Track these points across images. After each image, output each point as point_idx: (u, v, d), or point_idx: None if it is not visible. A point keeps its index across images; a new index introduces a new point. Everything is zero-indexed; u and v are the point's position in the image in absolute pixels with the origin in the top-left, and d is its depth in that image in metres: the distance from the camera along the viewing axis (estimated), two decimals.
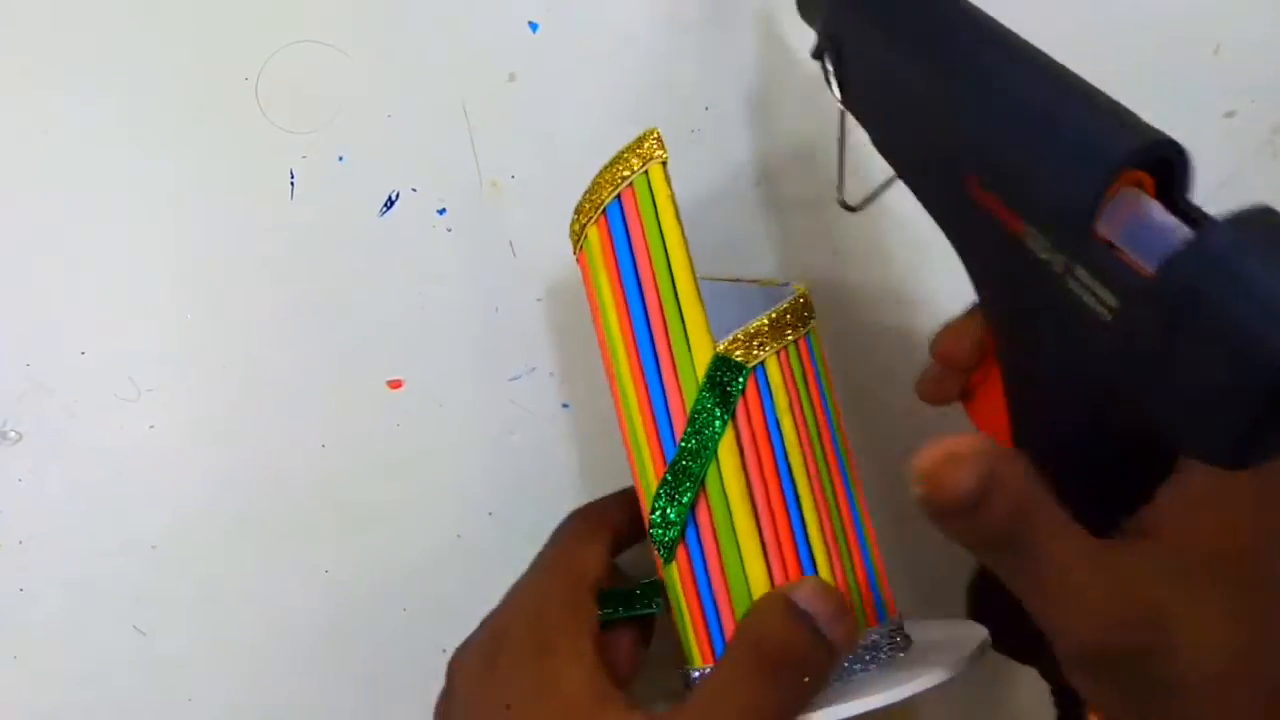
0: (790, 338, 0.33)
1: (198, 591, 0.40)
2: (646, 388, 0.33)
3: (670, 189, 0.33)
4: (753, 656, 0.30)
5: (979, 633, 0.34)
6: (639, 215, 0.33)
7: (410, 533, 0.41)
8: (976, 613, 0.37)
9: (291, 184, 0.41)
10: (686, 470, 0.32)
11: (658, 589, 0.35)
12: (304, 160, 0.40)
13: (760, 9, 0.42)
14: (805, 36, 0.42)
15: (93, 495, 0.40)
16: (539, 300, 0.41)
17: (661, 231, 0.33)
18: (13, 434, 0.40)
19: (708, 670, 0.33)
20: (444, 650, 0.36)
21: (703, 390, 0.32)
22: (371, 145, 0.41)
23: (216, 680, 0.41)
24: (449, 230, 0.41)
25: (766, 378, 0.33)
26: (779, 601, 0.31)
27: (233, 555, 0.40)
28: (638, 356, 0.33)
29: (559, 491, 0.41)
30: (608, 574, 0.35)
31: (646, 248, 0.33)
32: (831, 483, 0.34)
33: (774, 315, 0.33)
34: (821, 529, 0.33)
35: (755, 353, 0.33)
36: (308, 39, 0.40)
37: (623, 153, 0.33)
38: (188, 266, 0.40)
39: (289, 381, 0.41)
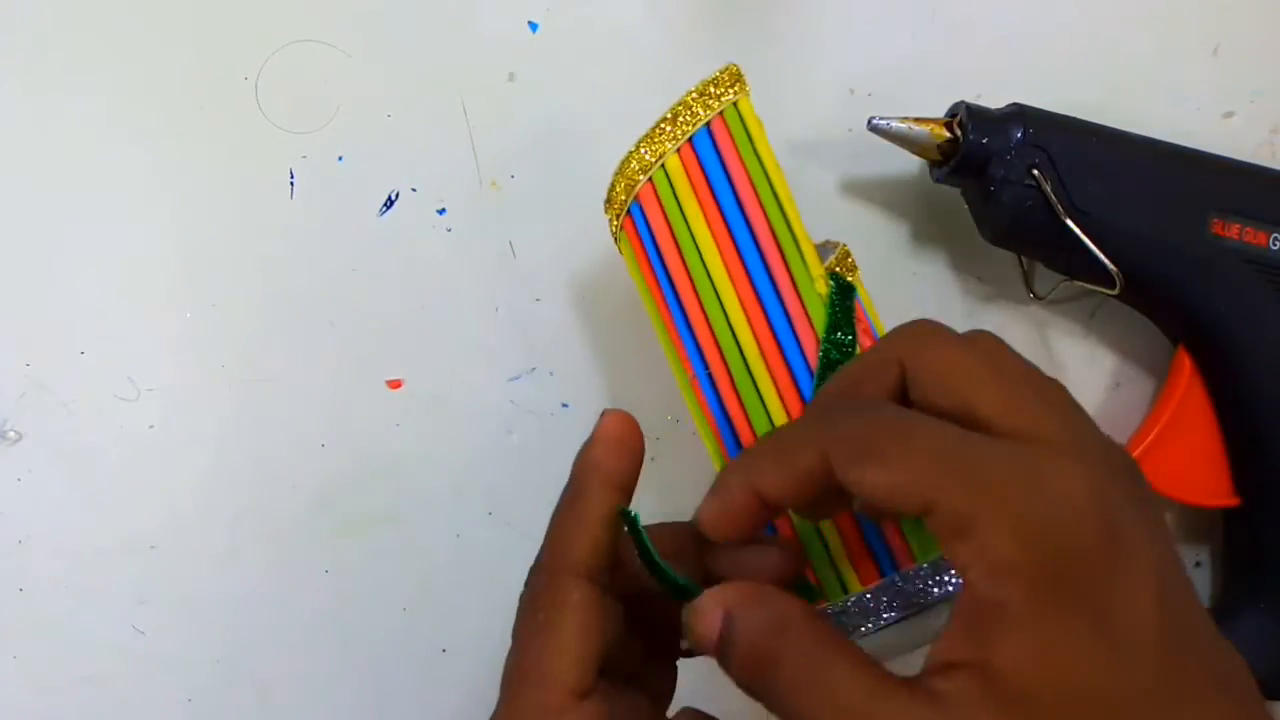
0: (858, 273, 0.35)
1: (198, 591, 0.40)
2: (768, 318, 0.32)
3: (761, 121, 0.33)
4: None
5: None
6: (734, 143, 0.32)
7: (410, 533, 0.41)
8: None
9: (291, 184, 0.40)
10: None
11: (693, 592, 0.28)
12: (304, 160, 0.40)
13: (759, 8, 0.42)
14: (805, 36, 0.42)
15: (93, 495, 0.40)
16: (539, 300, 0.41)
17: (760, 158, 0.32)
18: (13, 434, 0.40)
19: (878, 586, 0.31)
20: (444, 650, 0.36)
21: (832, 307, 0.32)
22: (371, 145, 0.41)
23: (216, 680, 0.41)
24: (449, 230, 0.41)
25: (860, 300, 0.34)
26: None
27: (232, 555, 0.40)
28: (751, 286, 0.32)
29: (558, 491, 0.41)
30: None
31: (747, 174, 0.32)
32: None
33: (839, 256, 0.34)
34: None
35: (851, 278, 0.34)
36: (308, 39, 0.40)
37: (700, 86, 0.33)
38: (187, 266, 0.40)
39: (289, 381, 0.41)
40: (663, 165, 0.33)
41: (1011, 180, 0.37)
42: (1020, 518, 0.21)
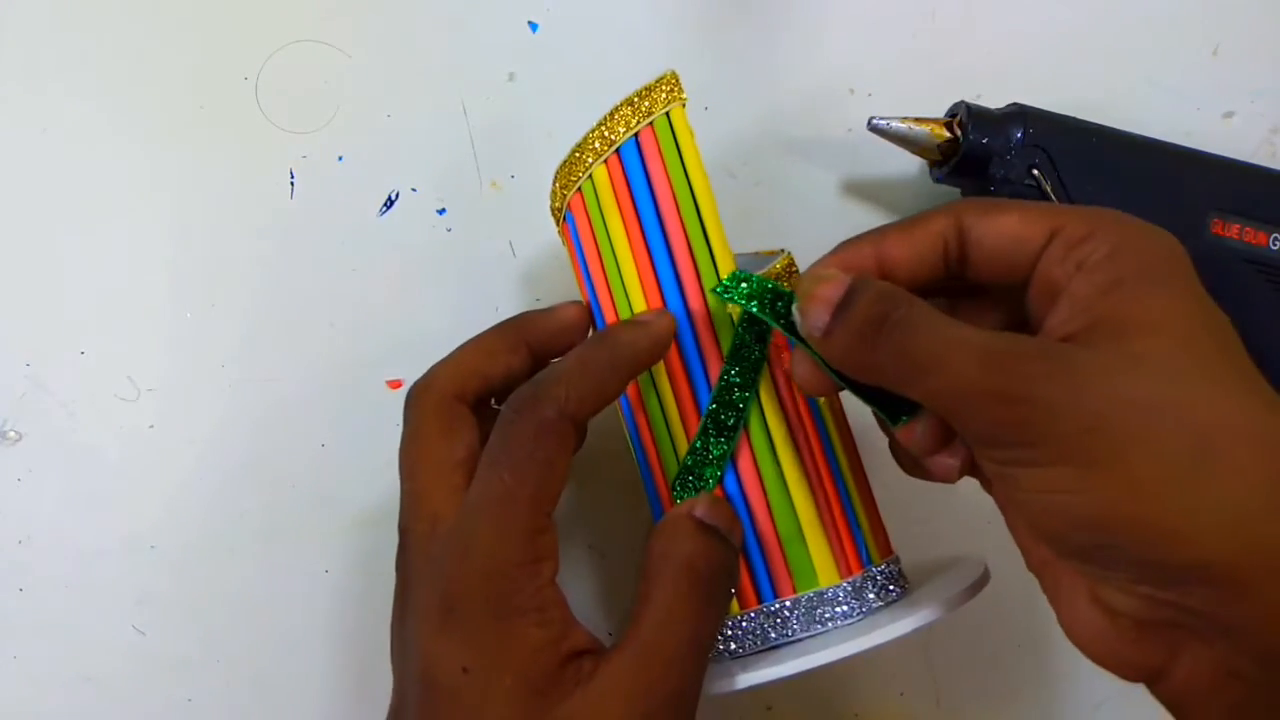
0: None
1: (198, 591, 0.40)
2: (676, 338, 0.32)
3: (692, 130, 0.32)
4: (689, 581, 0.30)
5: (973, 569, 0.33)
6: (660, 155, 0.32)
7: None
8: None
9: (291, 184, 0.41)
10: (731, 403, 0.31)
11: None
12: (304, 160, 0.40)
13: (760, 8, 0.42)
14: (805, 36, 0.42)
15: (93, 495, 0.40)
16: (539, 300, 0.41)
17: (686, 171, 0.32)
18: (13, 434, 0.40)
19: (752, 613, 0.32)
20: None
21: (740, 327, 0.31)
22: (371, 145, 0.41)
23: (216, 680, 0.41)
24: (449, 230, 0.41)
25: None
26: (692, 522, 0.30)
27: (233, 555, 0.40)
28: (660, 297, 0.32)
29: None
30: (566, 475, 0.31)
31: (670, 188, 0.32)
32: (840, 422, 0.34)
33: (783, 264, 0.34)
34: (849, 461, 0.33)
35: (789, 285, 0.33)
36: (308, 39, 0.40)
37: (635, 94, 0.32)
38: (187, 266, 0.40)
39: (288, 381, 0.41)
40: (590, 176, 0.33)
41: (1011, 180, 0.37)
42: (1129, 228, 0.27)
